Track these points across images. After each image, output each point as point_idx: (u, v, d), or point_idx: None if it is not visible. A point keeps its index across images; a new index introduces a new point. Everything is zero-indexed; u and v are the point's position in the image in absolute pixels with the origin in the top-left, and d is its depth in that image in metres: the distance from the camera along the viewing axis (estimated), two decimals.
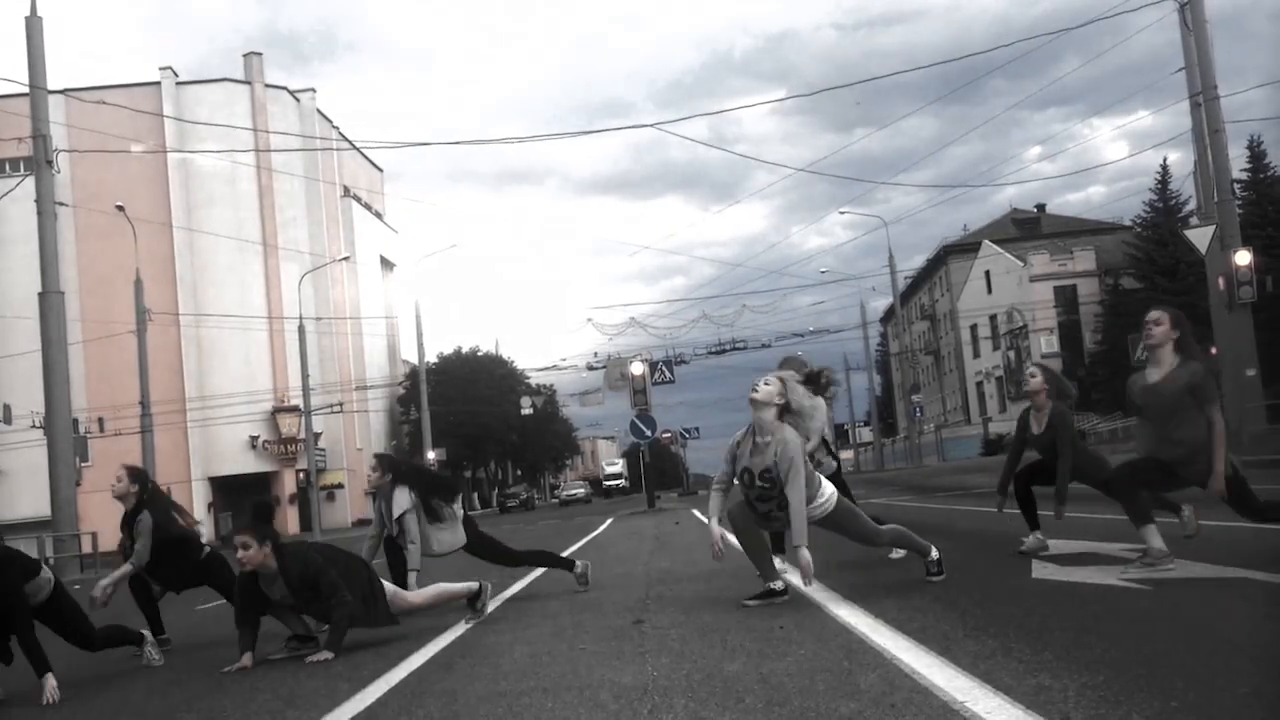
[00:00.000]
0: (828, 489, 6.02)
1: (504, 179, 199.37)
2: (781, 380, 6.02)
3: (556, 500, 68.29)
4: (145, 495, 7.09)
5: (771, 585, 6.00)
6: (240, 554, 5.79)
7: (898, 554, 7.67)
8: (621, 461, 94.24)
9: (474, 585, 6.78)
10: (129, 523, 7.01)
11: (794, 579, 6.53)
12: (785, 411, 5.91)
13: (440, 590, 6.79)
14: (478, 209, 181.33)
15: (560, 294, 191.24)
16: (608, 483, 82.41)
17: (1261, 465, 14.65)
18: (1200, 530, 6.96)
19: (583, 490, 64.74)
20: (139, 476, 7.22)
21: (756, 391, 5.92)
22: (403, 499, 7.35)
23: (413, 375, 56.02)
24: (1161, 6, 21.55)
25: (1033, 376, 7.32)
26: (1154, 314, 5.96)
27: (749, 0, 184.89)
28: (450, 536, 7.52)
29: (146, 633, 6.40)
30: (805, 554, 5.65)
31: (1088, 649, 3.85)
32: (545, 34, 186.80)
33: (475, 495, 66.72)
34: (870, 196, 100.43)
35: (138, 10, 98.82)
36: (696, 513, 21.74)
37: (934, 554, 6.24)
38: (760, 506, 5.97)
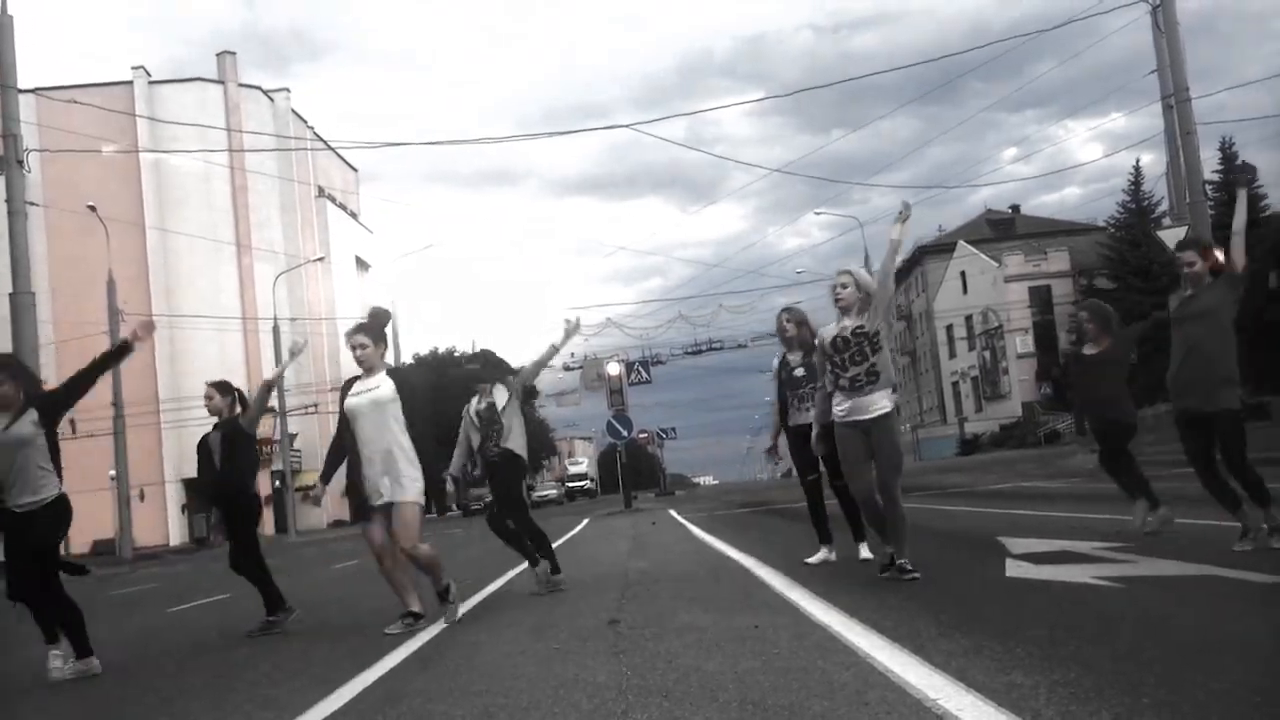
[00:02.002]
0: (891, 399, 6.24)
1: (484, 179, 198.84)
2: (850, 273, 6.28)
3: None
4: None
5: (904, 563, 6.15)
6: (358, 351, 6.37)
7: (866, 555, 7.71)
8: (586, 460, 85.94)
9: (447, 581, 6.69)
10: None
11: (771, 579, 6.54)
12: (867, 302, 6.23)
13: (436, 556, 6.57)
14: (456, 209, 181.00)
15: (538, 294, 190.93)
16: (570, 484, 71.65)
17: None
18: (1167, 528, 7.05)
19: (554, 491, 63.09)
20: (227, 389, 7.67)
21: (842, 298, 6.19)
22: (502, 394, 7.75)
23: None
24: (1134, 9, 21.69)
25: (1089, 322, 7.79)
26: (1184, 255, 6.25)
27: (728, 2, 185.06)
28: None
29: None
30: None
31: (1060, 646, 3.86)
32: (528, 37, 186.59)
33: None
34: (847, 197, 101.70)
35: (122, 10, 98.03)
36: (673, 513, 21.76)
37: (909, 564, 6.23)
38: (853, 371, 6.13)
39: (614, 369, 31.20)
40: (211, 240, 49.54)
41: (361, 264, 65.13)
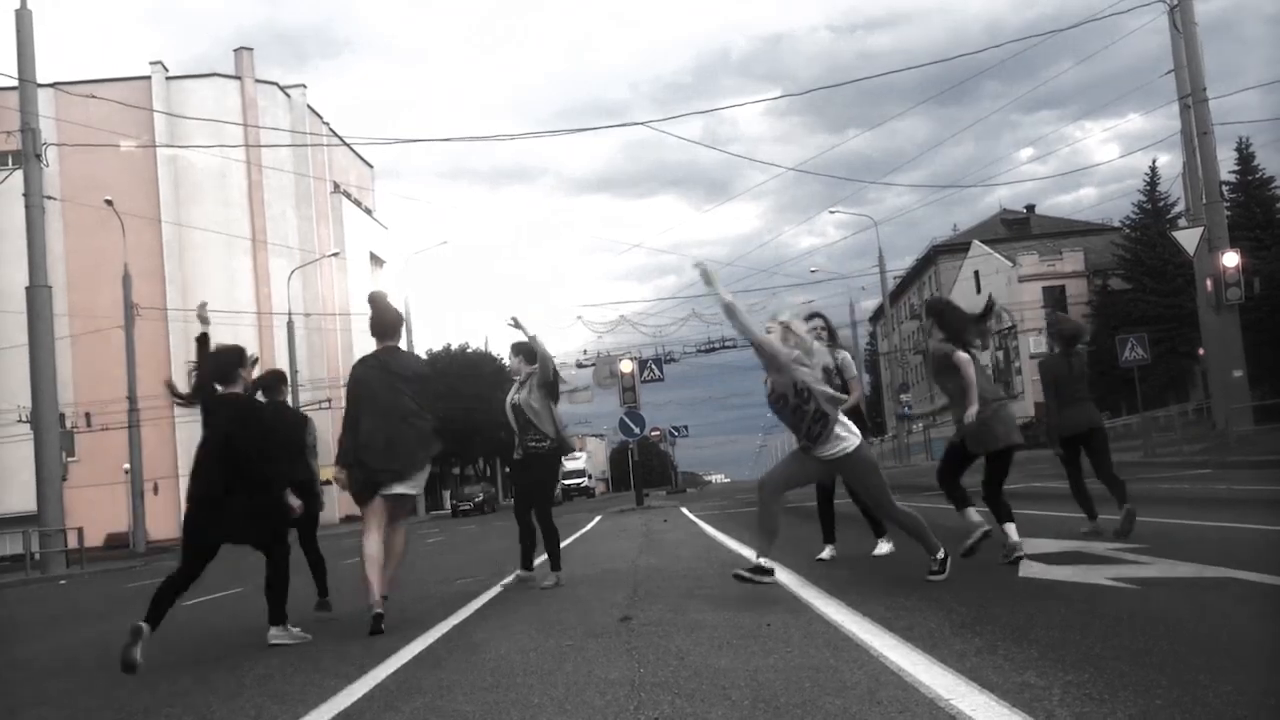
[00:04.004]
0: (851, 429, 6.11)
1: (499, 177, 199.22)
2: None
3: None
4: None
5: (761, 562, 6.04)
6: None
7: (883, 550, 7.69)
8: (584, 456, 76.68)
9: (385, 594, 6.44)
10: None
11: (783, 577, 6.55)
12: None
13: (401, 552, 6.88)
14: (471, 206, 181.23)
15: (551, 291, 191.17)
16: (566, 482, 62.17)
17: (1248, 466, 14.71)
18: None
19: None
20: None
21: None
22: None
23: None
24: (1152, 9, 21.63)
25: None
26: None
27: (745, 2, 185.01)
28: None
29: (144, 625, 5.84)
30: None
31: (1073, 647, 3.86)
32: (545, 35, 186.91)
33: (445, 494, 64.09)
34: (862, 196, 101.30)
35: (140, 6, 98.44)
36: (685, 510, 21.75)
37: (941, 553, 6.16)
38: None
39: (627, 366, 31.18)
40: (227, 235, 49.69)
41: (376, 260, 65.23)
